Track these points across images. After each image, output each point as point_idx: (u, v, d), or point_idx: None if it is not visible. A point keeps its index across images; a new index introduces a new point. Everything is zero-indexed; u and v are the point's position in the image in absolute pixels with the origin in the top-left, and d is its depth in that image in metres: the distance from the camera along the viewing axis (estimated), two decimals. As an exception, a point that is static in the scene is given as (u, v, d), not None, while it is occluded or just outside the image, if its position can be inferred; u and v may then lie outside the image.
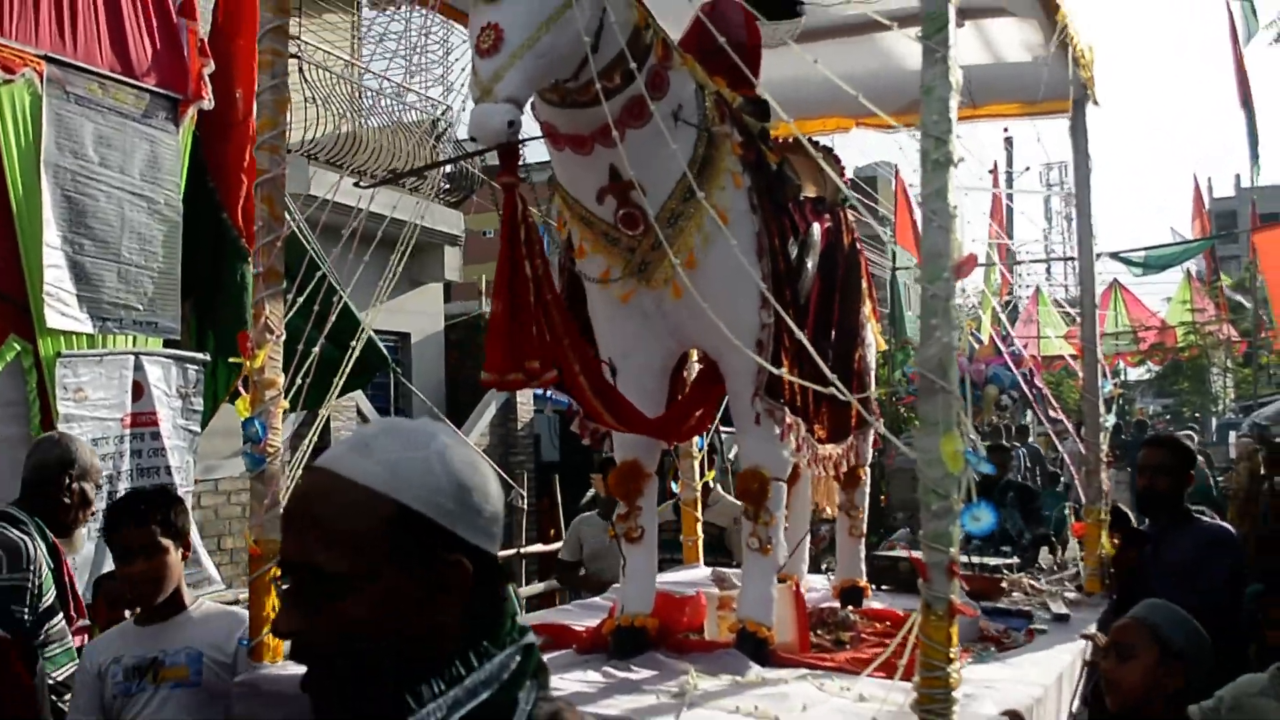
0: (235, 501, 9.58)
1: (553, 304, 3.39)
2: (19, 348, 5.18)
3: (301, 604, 1.49)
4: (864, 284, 4.90)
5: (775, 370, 3.46)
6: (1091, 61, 5.04)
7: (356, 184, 4.12)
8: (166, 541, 3.51)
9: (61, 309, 5.32)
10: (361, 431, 1.61)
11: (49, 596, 3.91)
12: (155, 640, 3.52)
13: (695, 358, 4.48)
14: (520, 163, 3.23)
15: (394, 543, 1.48)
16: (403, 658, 1.49)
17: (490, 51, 3.04)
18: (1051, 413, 8.97)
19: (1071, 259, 23.30)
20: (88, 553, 5.26)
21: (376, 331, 7.97)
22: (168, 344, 6.01)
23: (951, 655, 2.59)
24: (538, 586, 10.58)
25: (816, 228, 4.40)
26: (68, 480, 4.16)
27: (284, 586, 1.55)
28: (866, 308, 4.91)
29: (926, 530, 2.60)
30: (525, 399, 14.55)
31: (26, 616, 3.80)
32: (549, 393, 13.61)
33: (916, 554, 2.68)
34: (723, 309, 3.54)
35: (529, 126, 3.40)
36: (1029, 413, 16.36)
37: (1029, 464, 15.70)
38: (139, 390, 5.75)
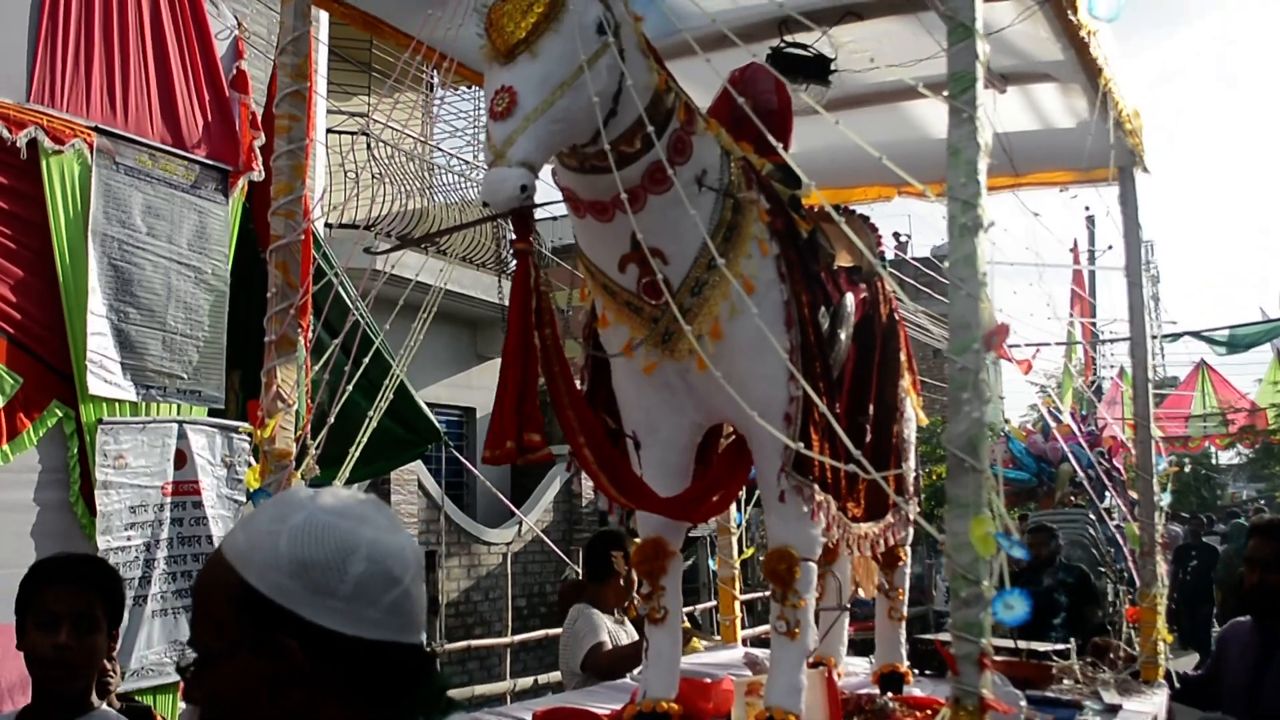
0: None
1: (560, 376, 3.30)
2: (60, 414, 5.20)
3: (193, 676, 1.46)
4: (903, 356, 4.76)
5: (795, 445, 3.34)
6: (1139, 127, 4.90)
7: (367, 249, 4.08)
8: (101, 618, 2.98)
9: (105, 376, 5.35)
10: (263, 503, 1.55)
11: None
12: None
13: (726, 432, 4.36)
14: (534, 229, 3.17)
15: (244, 621, 1.41)
16: None
17: (504, 115, 2.97)
18: (1131, 493, 8.67)
19: (1162, 336, 22.73)
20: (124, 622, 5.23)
21: (440, 406, 7.99)
22: (213, 413, 6.01)
23: None
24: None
25: (850, 298, 4.27)
26: None
27: None
28: (906, 380, 4.76)
29: (955, 619, 2.41)
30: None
31: None
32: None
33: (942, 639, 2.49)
34: (750, 381, 3.45)
35: (548, 192, 3.36)
36: (1107, 494, 15.98)
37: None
38: (181, 458, 5.75)
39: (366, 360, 4.36)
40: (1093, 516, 14.15)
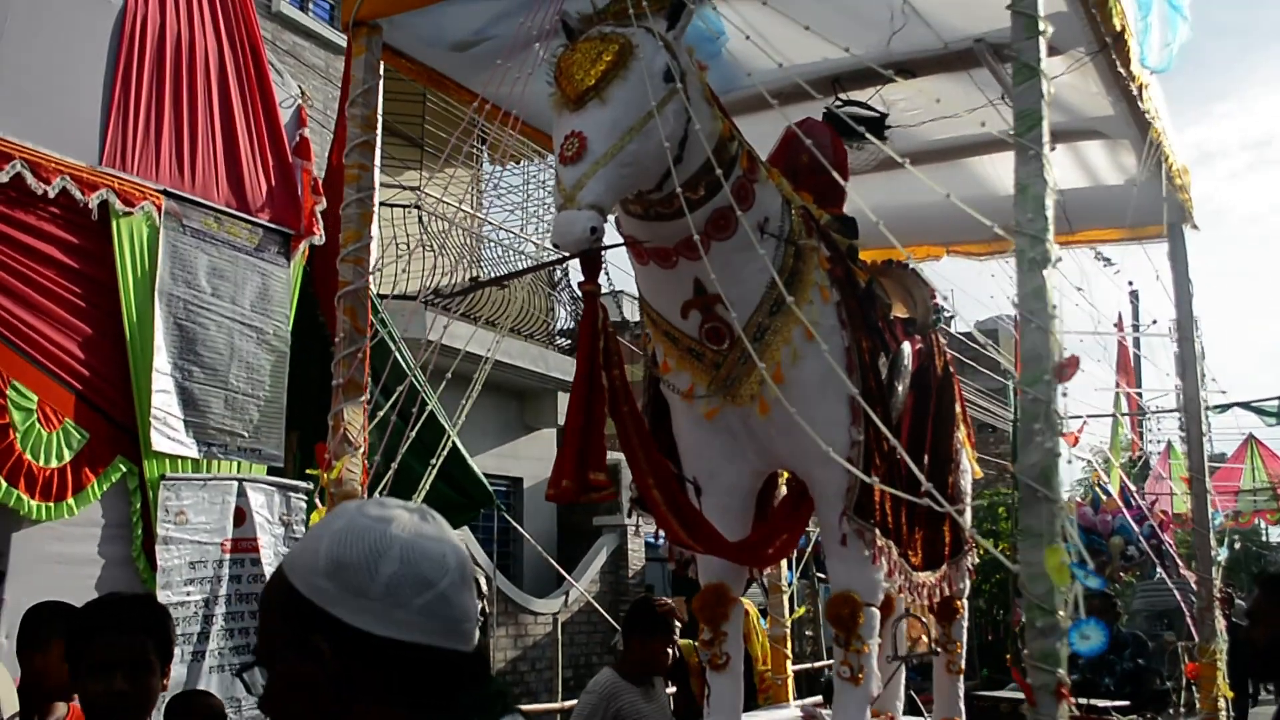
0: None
1: (628, 416, 3.35)
2: (125, 469, 5.29)
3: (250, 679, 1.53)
4: (958, 408, 4.79)
5: (867, 479, 3.36)
6: (1188, 183, 4.94)
7: (436, 291, 4.17)
8: (154, 660, 2.93)
9: (168, 433, 5.44)
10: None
11: None
12: None
13: (783, 481, 4.38)
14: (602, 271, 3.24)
15: (289, 624, 1.45)
16: None
17: (574, 159, 3.06)
18: (1182, 570, 8.62)
19: (1211, 408, 22.41)
20: (179, 675, 5.27)
21: (487, 477, 8.04)
22: (272, 471, 6.08)
23: None
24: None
25: (907, 348, 4.32)
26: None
27: None
28: (961, 432, 4.78)
29: (1032, 649, 2.43)
30: (637, 547, 14.42)
31: None
32: (658, 541, 13.60)
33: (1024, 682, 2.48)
34: (811, 425, 3.47)
35: (612, 237, 3.43)
36: (1157, 570, 15.78)
37: None
38: (241, 516, 5.81)
39: (414, 410, 4.42)
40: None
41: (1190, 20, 4.00)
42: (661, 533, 3.90)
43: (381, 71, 4.14)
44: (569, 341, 14.50)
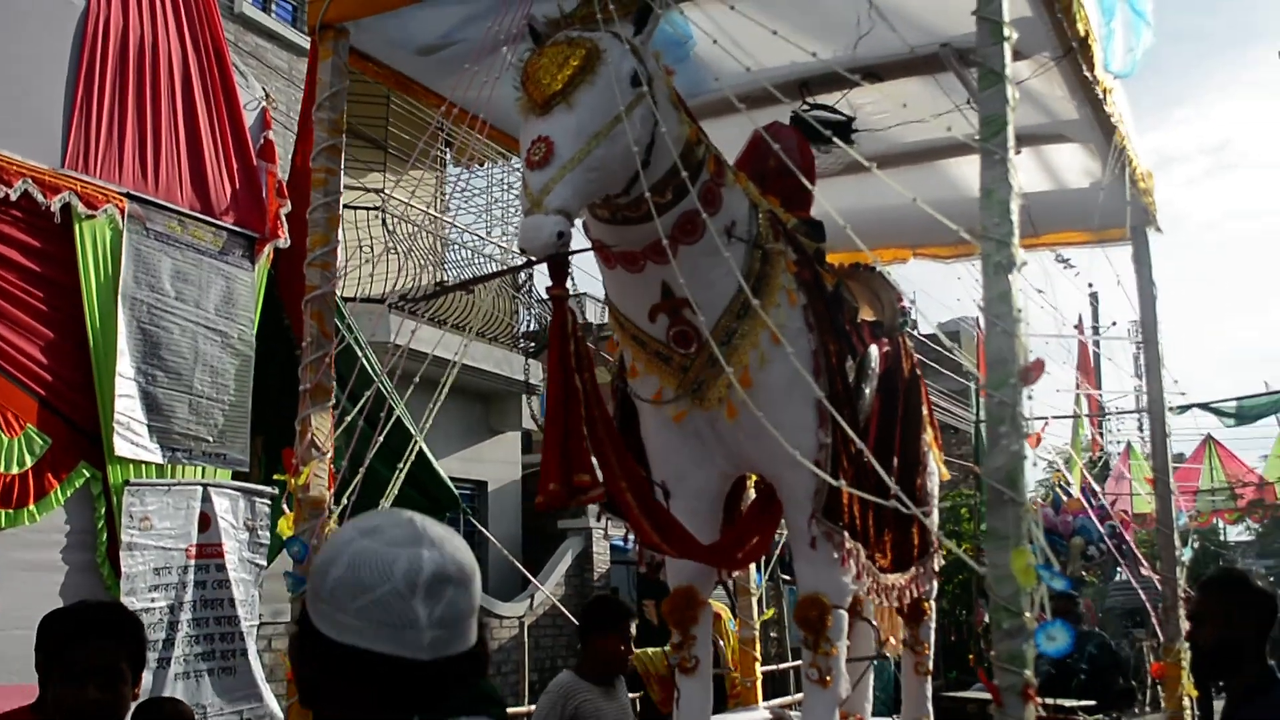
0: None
1: (599, 420, 3.35)
2: (88, 475, 5.23)
3: None
4: (925, 410, 4.82)
5: (834, 482, 3.37)
6: (1152, 186, 4.98)
7: (403, 298, 4.15)
8: (127, 670, 2.92)
9: (132, 438, 5.38)
10: None
11: None
12: None
13: (751, 485, 4.39)
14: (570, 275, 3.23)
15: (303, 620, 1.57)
16: None
17: (541, 164, 3.05)
18: (1143, 569, 8.71)
19: (1171, 408, 22.57)
20: (144, 682, 5.22)
21: (452, 480, 8.03)
22: (236, 476, 6.04)
23: None
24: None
25: (874, 351, 4.34)
26: None
27: None
28: (928, 434, 4.81)
29: (999, 650, 2.44)
30: (602, 550, 14.40)
31: None
32: (628, 545, 13.61)
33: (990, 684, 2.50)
34: (779, 429, 3.48)
35: (580, 241, 3.43)
36: (1119, 570, 15.92)
37: None
38: (206, 521, 5.76)
39: (380, 415, 4.41)
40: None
41: (1154, 25, 4.04)
42: (632, 536, 3.91)
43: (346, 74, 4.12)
44: (534, 345, 14.49)
